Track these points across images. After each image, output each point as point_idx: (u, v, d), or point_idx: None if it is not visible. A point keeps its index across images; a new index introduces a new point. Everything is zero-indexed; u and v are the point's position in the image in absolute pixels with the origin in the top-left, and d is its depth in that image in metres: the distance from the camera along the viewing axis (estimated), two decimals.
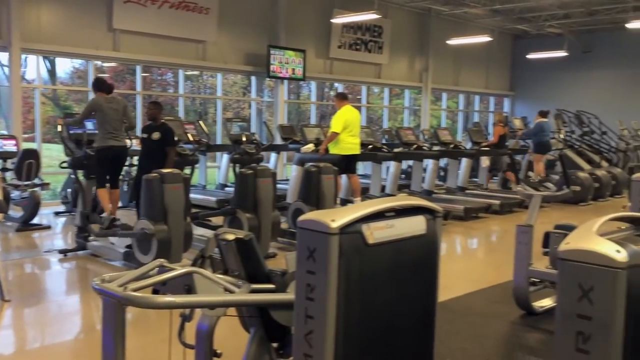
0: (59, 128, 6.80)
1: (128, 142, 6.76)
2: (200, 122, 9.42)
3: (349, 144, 8.16)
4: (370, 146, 9.36)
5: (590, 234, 1.67)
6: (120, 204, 7.32)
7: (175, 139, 6.91)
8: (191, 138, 8.45)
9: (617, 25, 15.75)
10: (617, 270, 1.56)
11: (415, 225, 2.22)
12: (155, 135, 6.45)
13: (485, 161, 11.87)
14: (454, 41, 16.05)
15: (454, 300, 5.03)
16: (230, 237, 2.43)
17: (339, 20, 13.41)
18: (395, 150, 10.02)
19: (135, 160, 8.35)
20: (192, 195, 9.45)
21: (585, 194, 11.08)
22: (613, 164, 13.09)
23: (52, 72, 15.48)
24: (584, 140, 13.78)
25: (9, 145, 8.11)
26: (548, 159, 12.16)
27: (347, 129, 8.10)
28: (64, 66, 15.58)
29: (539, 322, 4.35)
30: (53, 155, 11.77)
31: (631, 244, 1.68)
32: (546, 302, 4.60)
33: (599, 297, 1.57)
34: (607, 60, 17.33)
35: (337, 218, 1.92)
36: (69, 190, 8.56)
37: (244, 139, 8.49)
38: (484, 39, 16.13)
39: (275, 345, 2.50)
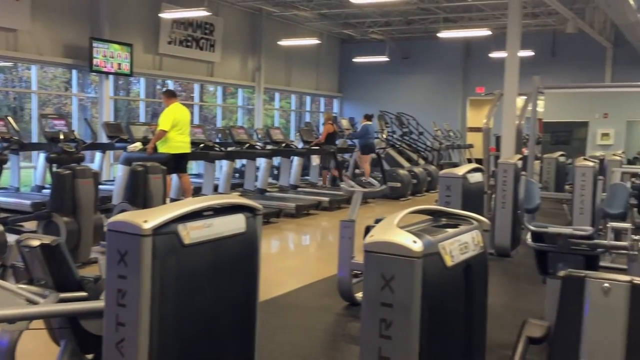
0: None
1: None
2: (9, 118, 8.55)
3: (178, 143, 7.97)
4: (202, 145, 9.23)
5: (392, 226, 1.80)
6: None
7: None
8: None
9: (430, 34, 17.21)
10: (414, 260, 1.69)
11: (235, 224, 2.22)
12: None
13: (315, 159, 12.30)
14: (285, 42, 16.41)
15: (284, 296, 5.14)
16: (35, 243, 2.24)
17: (167, 15, 13.00)
18: (229, 149, 9.98)
19: None
20: (2, 199, 8.58)
21: (405, 189, 11.97)
22: (429, 162, 14.29)
23: None
24: (404, 140, 14.87)
25: None
26: (372, 158, 12.92)
27: (176, 127, 7.91)
28: None
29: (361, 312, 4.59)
30: None
31: (427, 235, 1.83)
32: None
33: (399, 285, 1.69)
34: (422, 66, 18.88)
35: (150, 219, 1.86)
36: None
37: (61, 136, 7.87)
38: (313, 41, 16.71)
39: (89, 357, 2.35)
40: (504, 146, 8.70)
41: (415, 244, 1.70)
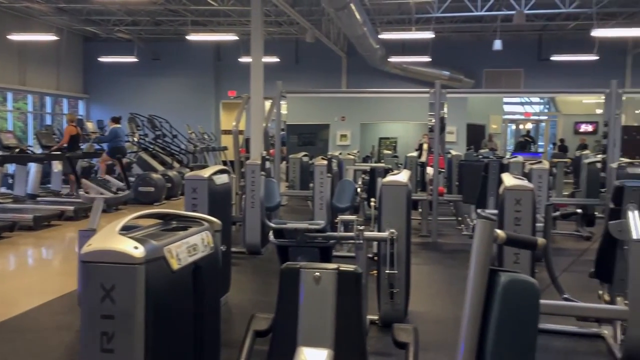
0: None
1: None
2: None
3: None
4: None
5: (113, 233, 1.71)
6: None
7: None
8: None
9: (180, 37, 17.05)
10: (135, 266, 1.63)
11: None
12: None
13: (57, 165, 11.28)
14: (16, 37, 14.75)
15: (17, 317, 4.62)
16: None
17: None
18: None
19: None
20: None
21: (159, 193, 11.67)
22: (184, 165, 14.15)
23: None
24: (157, 143, 14.50)
25: None
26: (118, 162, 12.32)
27: None
28: None
29: None
30: None
31: (153, 240, 1.78)
32: None
33: (120, 294, 1.62)
34: (174, 68, 18.61)
35: None
36: None
37: None
38: (50, 37, 15.32)
39: None
40: (252, 148, 9.02)
41: (137, 250, 1.65)
